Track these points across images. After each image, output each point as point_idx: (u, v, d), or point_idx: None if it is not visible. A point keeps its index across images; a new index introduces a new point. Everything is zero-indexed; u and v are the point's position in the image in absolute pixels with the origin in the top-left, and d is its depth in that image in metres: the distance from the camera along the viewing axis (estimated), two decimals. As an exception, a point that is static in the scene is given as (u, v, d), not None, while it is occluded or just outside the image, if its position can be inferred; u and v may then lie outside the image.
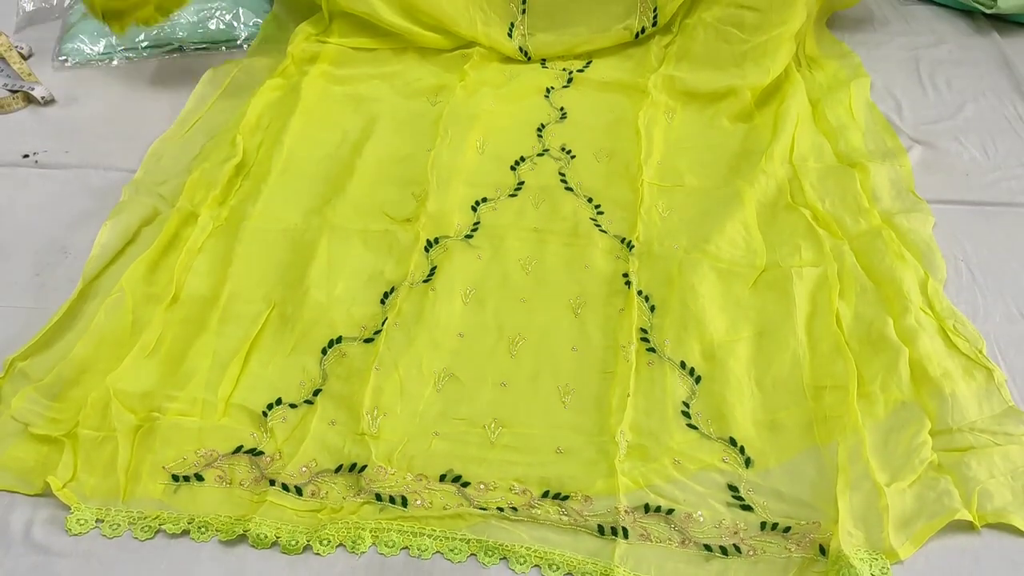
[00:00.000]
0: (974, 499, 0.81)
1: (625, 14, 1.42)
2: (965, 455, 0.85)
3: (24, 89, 1.36)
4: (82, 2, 1.37)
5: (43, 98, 1.35)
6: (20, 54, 1.44)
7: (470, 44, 1.43)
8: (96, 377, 0.91)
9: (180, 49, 1.47)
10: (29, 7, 1.54)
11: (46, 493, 0.83)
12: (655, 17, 1.41)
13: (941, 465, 0.84)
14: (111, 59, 1.45)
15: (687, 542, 0.80)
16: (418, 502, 0.83)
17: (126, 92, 1.39)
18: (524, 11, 1.44)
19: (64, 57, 1.44)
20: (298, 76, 1.36)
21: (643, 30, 1.42)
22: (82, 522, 0.81)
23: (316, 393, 0.93)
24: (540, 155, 1.24)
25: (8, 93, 1.36)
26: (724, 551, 0.80)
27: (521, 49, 1.43)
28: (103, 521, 0.82)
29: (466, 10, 1.42)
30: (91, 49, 1.45)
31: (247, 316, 1.00)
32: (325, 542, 0.80)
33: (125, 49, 1.45)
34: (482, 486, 0.85)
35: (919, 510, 0.81)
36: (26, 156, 1.26)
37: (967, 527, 0.81)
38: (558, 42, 1.43)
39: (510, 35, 1.43)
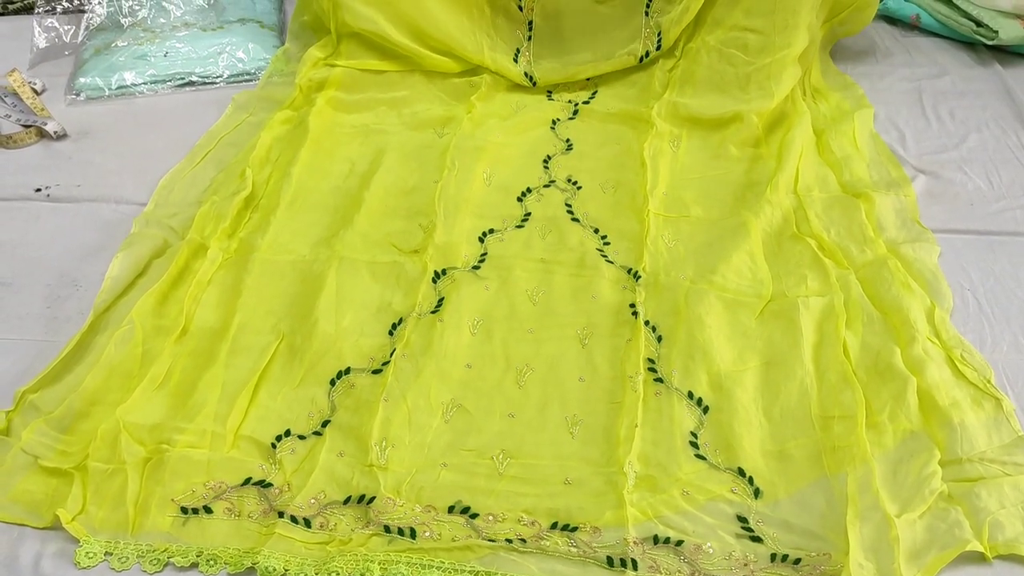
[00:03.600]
0: (985, 530, 0.81)
1: (629, 39, 1.43)
2: (975, 485, 0.84)
3: (37, 124, 1.37)
4: None
5: (55, 133, 1.37)
6: (33, 89, 1.46)
7: (477, 69, 1.44)
8: (106, 409, 0.91)
9: (191, 83, 1.49)
10: (42, 43, 1.56)
11: (55, 526, 0.83)
12: (659, 41, 1.42)
13: (951, 496, 0.84)
14: (123, 94, 1.47)
15: (697, 574, 0.80)
16: (427, 534, 0.83)
17: (137, 126, 1.41)
18: (530, 37, 1.45)
19: (77, 92, 1.46)
20: (306, 107, 1.37)
21: (647, 54, 1.43)
22: (91, 555, 0.81)
23: (325, 424, 0.93)
24: (547, 186, 1.25)
25: (21, 128, 1.38)
26: (734, 583, 0.79)
27: (527, 75, 1.44)
28: (112, 554, 0.82)
29: (473, 35, 1.44)
30: (103, 84, 1.46)
31: (256, 348, 1.00)
32: (334, 574, 0.79)
33: (136, 84, 1.47)
34: (491, 517, 0.85)
35: (930, 541, 0.80)
36: (38, 190, 1.27)
37: (979, 558, 0.80)
38: (563, 68, 1.44)
39: (516, 60, 1.45)
